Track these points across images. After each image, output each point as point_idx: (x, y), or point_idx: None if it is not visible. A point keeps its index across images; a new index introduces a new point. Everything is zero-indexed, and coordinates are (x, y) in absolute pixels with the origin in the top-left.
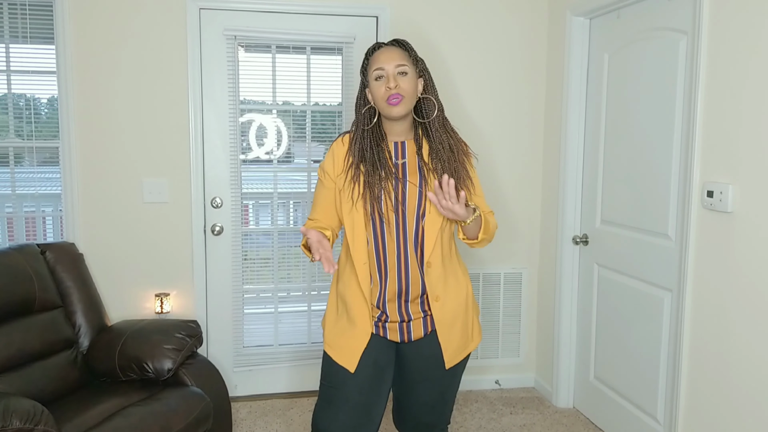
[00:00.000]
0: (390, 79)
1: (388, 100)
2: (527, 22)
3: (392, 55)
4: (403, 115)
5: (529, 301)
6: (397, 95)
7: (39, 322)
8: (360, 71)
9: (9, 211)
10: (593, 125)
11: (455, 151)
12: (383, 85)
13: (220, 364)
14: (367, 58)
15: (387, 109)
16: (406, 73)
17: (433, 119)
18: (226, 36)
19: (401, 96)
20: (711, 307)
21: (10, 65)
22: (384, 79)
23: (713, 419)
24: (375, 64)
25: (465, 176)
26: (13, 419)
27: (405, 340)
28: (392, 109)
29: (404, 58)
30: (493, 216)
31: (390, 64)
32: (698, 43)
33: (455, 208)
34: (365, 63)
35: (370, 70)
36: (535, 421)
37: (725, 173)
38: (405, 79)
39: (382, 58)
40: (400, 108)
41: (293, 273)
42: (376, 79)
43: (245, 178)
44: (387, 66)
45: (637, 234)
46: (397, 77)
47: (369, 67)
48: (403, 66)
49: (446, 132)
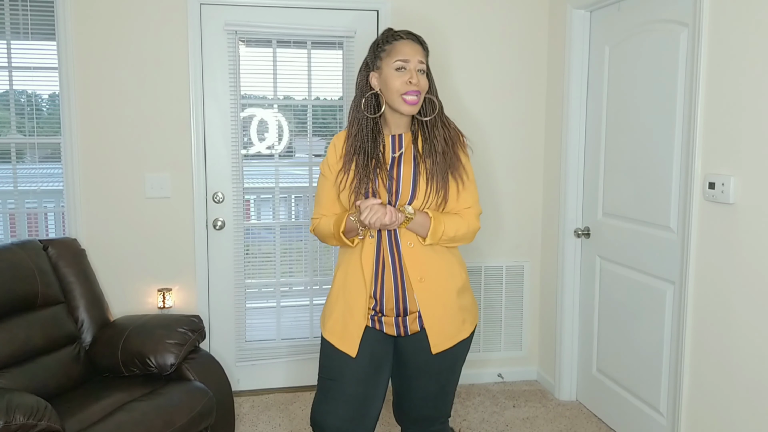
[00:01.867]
0: (413, 74)
1: (407, 95)
2: (528, 15)
3: (416, 49)
4: (414, 112)
5: (531, 294)
6: (416, 92)
7: (42, 318)
8: (371, 52)
9: (11, 207)
10: (594, 118)
11: (450, 144)
12: (404, 77)
13: (223, 359)
14: (385, 43)
15: (400, 104)
16: (424, 72)
17: (435, 117)
18: (226, 31)
19: (419, 94)
20: (713, 298)
21: (11, 61)
22: (406, 71)
23: (716, 411)
24: (399, 54)
25: (460, 169)
26: (16, 415)
27: (401, 334)
28: (407, 106)
29: (423, 55)
30: (472, 215)
31: (414, 58)
32: (699, 35)
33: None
34: (382, 48)
35: (391, 57)
36: (537, 414)
37: (727, 165)
38: (423, 77)
39: (407, 50)
40: (416, 107)
41: (295, 267)
42: (397, 69)
43: (247, 172)
44: (412, 59)
45: (639, 226)
46: (418, 74)
47: (389, 54)
48: (423, 64)
49: (443, 127)
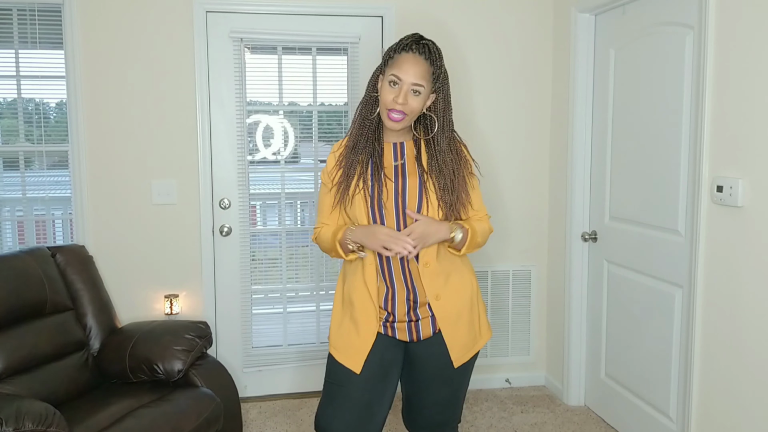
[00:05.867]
0: (401, 94)
1: (391, 111)
2: (532, 20)
3: (417, 68)
4: (399, 129)
5: (538, 299)
6: (401, 112)
7: (50, 325)
8: (383, 57)
9: (19, 214)
10: (600, 121)
11: (456, 172)
12: (393, 93)
13: (230, 365)
14: (394, 51)
15: (385, 117)
16: (419, 93)
17: (439, 136)
18: (232, 38)
19: (405, 115)
20: (722, 302)
21: (19, 70)
22: (396, 88)
23: (726, 416)
24: (396, 68)
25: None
26: (25, 421)
27: (414, 339)
28: (389, 122)
29: (425, 76)
30: (486, 220)
31: (409, 78)
32: (705, 38)
33: (419, 246)
34: (390, 54)
35: (390, 69)
36: (546, 420)
37: (735, 167)
38: (415, 98)
39: (406, 67)
40: (398, 125)
41: (301, 273)
42: (390, 83)
43: (253, 178)
44: (405, 78)
45: (647, 230)
46: (409, 94)
47: (391, 65)
48: (419, 86)
49: (451, 152)
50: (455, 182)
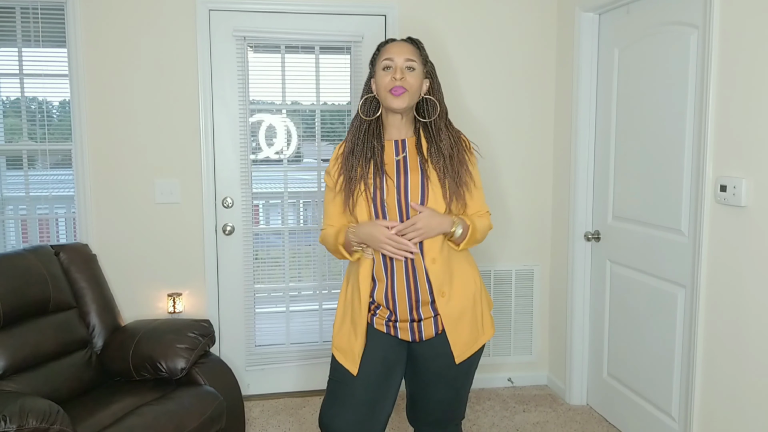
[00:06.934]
0: (397, 70)
1: (392, 91)
2: (536, 19)
3: (403, 49)
4: (403, 109)
5: (541, 298)
6: (401, 87)
7: (53, 323)
8: (369, 62)
9: (23, 213)
10: (604, 121)
11: (456, 150)
12: (389, 75)
13: (233, 363)
14: (378, 50)
15: (389, 100)
16: (414, 69)
17: (436, 120)
18: (235, 37)
19: (405, 89)
20: (726, 302)
21: (23, 69)
22: (391, 69)
23: (729, 415)
24: (385, 54)
25: (466, 176)
26: (29, 419)
27: (416, 339)
28: (394, 100)
29: (414, 54)
30: (487, 217)
31: (400, 57)
32: (709, 37)
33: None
34: (375, 54)
35: (379, 59)
36: (548, 419)
37: (738, 167)
38: (412, 74)
39: (393, 50)
40: (402, 101)
41: (304, 272)
42: (384, 69)
43: (255, 178)
44: (397, 58)
45: (650, 229)
46: (405, 71)
47: (378, 57)
48: (412, 61)
49: (448, 133)
50: (454, 161)
